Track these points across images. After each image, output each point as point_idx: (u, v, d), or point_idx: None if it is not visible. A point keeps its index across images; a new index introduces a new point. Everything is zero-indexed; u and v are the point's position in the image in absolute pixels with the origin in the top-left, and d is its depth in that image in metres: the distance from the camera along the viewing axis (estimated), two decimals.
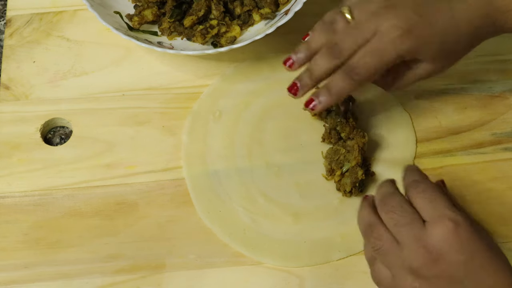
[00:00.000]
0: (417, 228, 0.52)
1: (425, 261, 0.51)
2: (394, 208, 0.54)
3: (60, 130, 0.72)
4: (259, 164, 0.68)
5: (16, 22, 0.77)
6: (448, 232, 0.51)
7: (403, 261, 0.52)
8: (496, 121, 0.70)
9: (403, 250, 0.52)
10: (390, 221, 0.54)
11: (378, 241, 0.54)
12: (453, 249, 0.51)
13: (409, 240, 0.52)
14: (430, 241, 0.51)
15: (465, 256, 0.51)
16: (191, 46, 0.72)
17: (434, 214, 0.52)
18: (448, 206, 0.53)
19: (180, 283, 0.62)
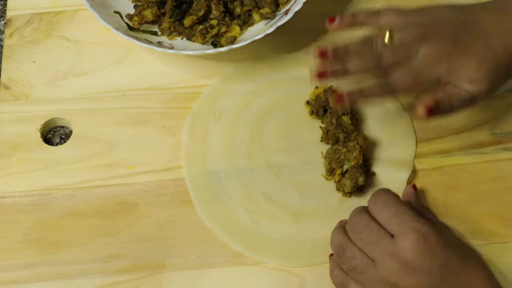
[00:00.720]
0: (387, 244, 0.54)
1: (402, 274, 0.52)
2: (361, 229, 0.56)
3: (60, 130, 0.72)
4: (259, 164, 0.68)
5: (16, 22, 0.77)
6: (418, 242, 0.53)
7: (380, 278, 0.53)
8: (496, 121, 0.70)
9: (378, 267, 0.54)
10: (359, 242, 0.55)
11: (353, 260, 0.55)
12: (427, 258, 0.52)
13: (382, 256, 0.53)
14: (402, 254, 0.53)
15: (438, 262, 0.52)
16: (191, 46, 0.72)
17: (401, 227, 0.54)
18: (412, 217, 0.54)
19: (180, 283, 0.62)
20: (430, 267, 0.53)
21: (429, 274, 0.53)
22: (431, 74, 0.60)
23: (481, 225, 0.64)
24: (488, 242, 0.64)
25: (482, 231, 0.64)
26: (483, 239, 0.64)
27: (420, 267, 0.53)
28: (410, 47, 0.60)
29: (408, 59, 0.60)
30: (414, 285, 0.53)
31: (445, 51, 0.60)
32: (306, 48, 0.74)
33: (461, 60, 0.60)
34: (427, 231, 0.53)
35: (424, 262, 0.53)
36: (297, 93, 0.71)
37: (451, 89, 0.61)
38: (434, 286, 0.53)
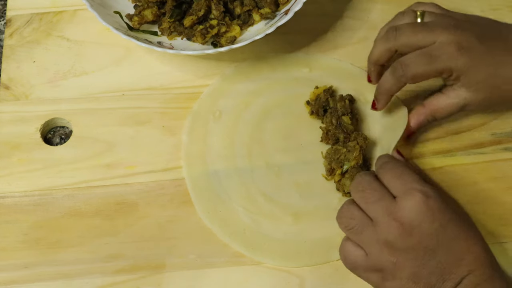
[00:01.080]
0: (388, 203, 0.54)
1: (400, 234, 0.53)
2: (364, 187, 0.56)
3: (60, 130, 0.72)
4: (259, 164, 0.68)
5: (16, 22, 0.77)
6: (418, 203, 0.53)
7: (378, 237, 0.54)
8: (496, 121, 0.70)
9: (377, 226, 0.54)
10: (361, 201, 0.56)
11: (351, 220, 0.56)
12: (425, 219, 0.53)
13: (382, 215, 0.54)
14: (402, 214, 0.53)
15: (437, 226, 0.53)
16: (191, 46, 0.72)
17: (403, 188, 0.55)
18: (416, 180, 0.55)
19: (180, 283, 0.62)
20: (429, 230, 0.53)
21: (427, 237, 0.53)
22: (446, 63, 0.60)
23: (481, 225, 0.64)
24: (488, 242, 0.63)
25: (482, 231, 0.63)
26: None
27: (419, 229, 0.53)
28: (436, 31, 0.60)
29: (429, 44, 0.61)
30: (411, 246, 0.53)
31: (467, 43, 0.60)
32: (306, 48, 0.75)
33: (477, 61, 0.60)
34: (429, 193, 0.54)
35: (423, 224, 0.53)
36: (297, 93, 0.71)
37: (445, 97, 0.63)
38: (430, 249, 0.53)
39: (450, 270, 0.53)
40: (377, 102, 0.66)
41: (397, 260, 0.53)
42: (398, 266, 0.53)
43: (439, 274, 0.53)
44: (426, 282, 0.53)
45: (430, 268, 0.53)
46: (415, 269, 0.53)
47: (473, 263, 0.53)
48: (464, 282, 0.52)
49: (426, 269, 0.53)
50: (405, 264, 0.53)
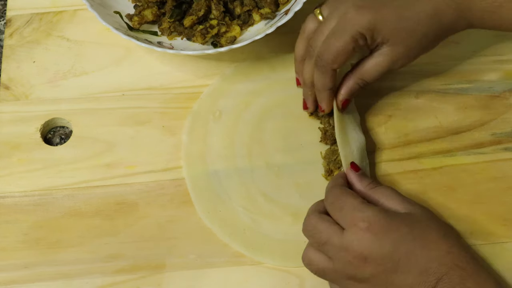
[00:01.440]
0: (337, 240, 0.54)
1: (356, 266, 0.53)
2: (311, 232, 0.57)
3: (60, 130, 0.72)
4: (259, 164, 0.68)
5: (16, 22, 0.77)
6: (363, 233, 0.53)
7: (340, 273, 0.55)
8: (496, 121, 0.70)
9: (335, 264, 0.55)
10: (314, 244, 0.57)
11: (312, 266, 0.57)
12: (374, 246, 0.53)
13: (335, 253, 0.54)
14: (351, 247, 0.53)
15: (388, 247, 0.53)
16: (191, 46, 0.71)
17: (346, 220, 0.55)
18: (357, 207, 0.55)
19: (180, 283, 0.62)
20: (381, 254, 0.53)
21: (382, 260, 0.53)
22: (354, 29, 0.59)
23: (481, 225, 0.64)
24: (488, 242, 0.64)
25: (482, 231, 0.64)
26: (483, 239, 0.64)
27: (371, 256, 0.53)
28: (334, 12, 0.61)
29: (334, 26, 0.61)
30: (371, 274, 0.53)
31: (363, 2, 0.60)
32: None
33: (380, 13, 0.59)
34: (369, 218, 0.54)
35: (374, 250, 0.53)
36: (297, 93, 0.71)
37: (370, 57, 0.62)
38: (391, 270, 0.53)
39: (418, 283, 0.52)
40: (320, 103, 0.65)
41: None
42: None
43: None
44: None
45: (398, 286, 0.53)
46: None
47: (440, 269, 0.52)
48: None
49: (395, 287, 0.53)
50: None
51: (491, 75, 0.73)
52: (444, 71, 0.73)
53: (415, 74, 0.72)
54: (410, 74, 0.72)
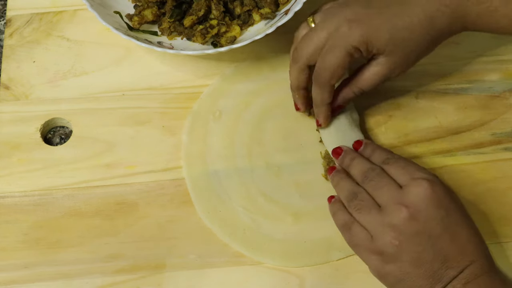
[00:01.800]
0: (395, 190, 0.56)
1: (405, 218, 0.54)
2: (374, 177, 0.58)
3: (60, 130, 0.72)
4: (259, 164, 0.68)
5: (16, 22, 0.77)
6: (425, 189, 0.55)
7: (384, 220, 0.55)
8: (496, 121, 0.70)
9: (384, 210, 0.56)
10: (370, 188, 0.58)
11: (361, 201, 0.58)
12: (431, 205, 0.54)
13: (389, 200, 0.56)
14: (408, 199, 0.55)
15: (442, 212, 0.55)
16: (191, 46, 0.71)
17: (409, 177, 0.56)
18: (421, 169, 0.57)
19: (180, 283, 0.62)
20: (434, 215, 0.54)
21: (432, 221, 0.54)
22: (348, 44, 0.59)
23: (481, 225, 0.64)
24: (488, 242, 0.63)
25: (482, 231, 0.63)
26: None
27: (425, 213, 0.54)
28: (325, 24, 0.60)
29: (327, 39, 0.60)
30: (416, 231, 0.54)
31: (355, 16, 0.59)
32: None
33: (373, 26, 0.59)
34: (434, 181, 0.56)
35: (429, 209, 0.54)
36: None
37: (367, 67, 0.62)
38: (435, 235, 0.54)
39: (454, 258, 0.54)
40: (318, 118, 0.66)
41: (401, 244, 0.54)
42: (401, 250, 0.54)
43: (442, 261, 0.54)
44: (428, 267, 0.54)
45: (433, 254, 0.54)
46: (418, 254, 0.54)
47: (474, 253, 0.54)
48: (466, 271, 0.53)
49: (429, 255, 0.54)
50: (409, 248, 0.54)
51: (491, 75, 0.73)
52: (444, 71, 0.73)
53: (415, 74, 0.72)
54: (410, 74, 0.71)
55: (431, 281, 0.54)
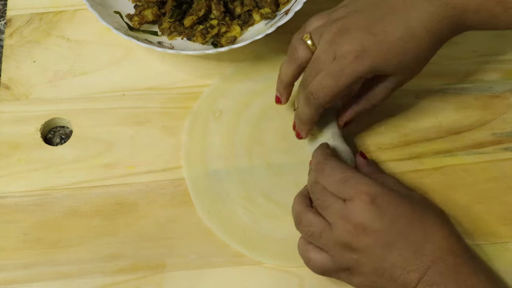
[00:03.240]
0: (339, 207, 0.56)
1: (354, 235, 0.55)
2: (318, 195, 0.58)
3: (60, 130, 0.72)
4: (259, 164, 0.68)
5: (16, 22, 0.77)
6: (366, 204, 0.55)
7: (336, 239, 0.56)
8: (497, 121, 0.70)
9: (334, 229, 0.56)
10: (318, 207, 0.58)
11: (309, 227, 0.58)
12: (375, 218, 0.54)
13: (336, 219, 0.56)
14: (353, 216, 0.55)
15: (387, 221, 0.54)
16: (191, 46, 0.71)
17: (350, 191, 0.56)
18: (361, 181, 0.56)
19: (180, 283, 0.62)
20: (381, 226, 0.54)
21: (381, 233, 0.54)
22: (354, 74, 0.58)
23: (481, 225, 0.64)
24: (488, 242, 0.64)
25: (482, 231, 0.64)
26: (483, 239, 0.64)
27: (371, 227, 0.54)
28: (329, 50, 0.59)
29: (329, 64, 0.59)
30: (368, 244, 0.54)
31: (362, 47, 0.58)
32: None
33: (381, 55, 0.58)
34: (374, 191, 0.55)
35: (374, 222, 0.54)
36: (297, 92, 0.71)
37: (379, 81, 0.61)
38: (387, 244, 0.54)
39: (413, 261, 0.54)
40: (301, 132, 0.65)
41: (358, 258, 0.55)
42: (360, 263, 0.55)
43: (402, 266, 0.54)
44: (390, 274, 0.54)
45: (391, 262, 0.54)
46: (376, 265, 0.54)
47: (435, 252, 0.54)
48: (429, 273, 0.53)
49: (387, 263, 0.54)
50: (366, 261, 0.55)
51: (491, 75, 0.73)
52: (444, 71, 0.73)
53: None
54: None
55: (399, 286, 0.54)
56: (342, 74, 0.58)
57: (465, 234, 0.64)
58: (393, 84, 0.61)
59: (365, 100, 0.64)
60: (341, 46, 0.58)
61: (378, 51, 0.58)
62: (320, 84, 0.59)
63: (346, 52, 0.58)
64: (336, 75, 0.58)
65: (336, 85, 0.59)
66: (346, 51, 0.58)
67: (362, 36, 0.58)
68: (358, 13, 0.59)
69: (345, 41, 0.58)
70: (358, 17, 0.59)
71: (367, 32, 0.58)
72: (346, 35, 0.58)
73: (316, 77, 0.59)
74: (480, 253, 0.63)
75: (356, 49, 0.57)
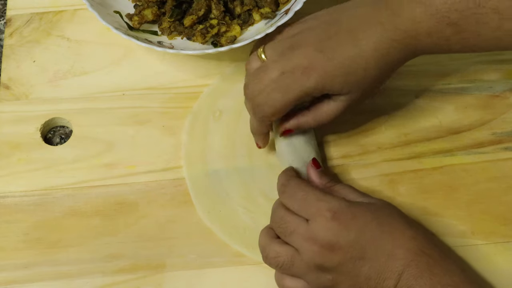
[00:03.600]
0: (303, 230, 0.55)
1: (323, 255, 0.54)
2: (278, 223, 0.57)
3: (60, 129, 0.72)
4: (259, 164, 0.68)
5: (16, 22, 0.77)
6: (328, 222, 0.54)
7: (307, 264, 0.55)
8: (496, 120, 0.70)
9: (302, 254, 0.55)
10: (281, 235, 0.57)
11: (277, 258, 0.57)
12: (340, 234, 0.54)
13: (302, 243, 0.55)
14: (317, 236, 0.54)
15: (353, 235, 0.54)
16: (191, 46, 0.71)
17: (310, 211, 0.55)
18: (319, 198, 0.56)
19: (180, 283, 0.62)
20: (348, 241, 0.54)
21: (349, 248, 0.54)
22: (300, 89, 0.58)
23: (481, 225, 0.64)
24: (488, 242, 0.64)
25: (482, 231, 0.64)
26: (483, 239, 0.64)
27: (338, 244, 0.54)
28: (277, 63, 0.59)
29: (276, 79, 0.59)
30: (338, 262, 0.54)
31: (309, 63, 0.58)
32: None
33: (327, 72, 0.57)
34: (334, 207, 0.55)
35: (340, 238, 0.54)
36: None
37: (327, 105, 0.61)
38: (358, 257, 0.54)
39: (386, 269, 0.53)
40: (257, 141, 0.65)
41: (333, 278, 0.55)
42: (336, 282, 0.55)
43: (376, 276, 0.54)
44: (367, 286, 0.54)
45: (365, 275, 0.54)
46: (351, 281, 0.54)
47: (406, 256, 0.53)
48: (404, 277, 0.53)
49: (362, 277, 0.54)
50: (342, 278, 0.55)
51: (491, 75, 0.73)
52: (444, 71, 0.73)
53: (415, 74, 0.72)
54: (410, 74, 0.72)
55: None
56: (289, 89, 0.58)
57: (465, 234, 0.64)
58: (342, 103, 0.60)
59: (312, 115, 0.62)
60: (289, 60, 0.58)
61: (325, 68, 0.57)
62: (265, 97, 0.59)
63: (293, 67, 0.58)
64: (283, 90, 0.58)
65: (283, 99, 0.59)
66: (294, 66, 0.58)
67: (310, 53, 0.58)
68: (312, 30, 0.60)
69: (294, 56, 0.58)
70: (311, 34, 0.59)
71: (316, 49, 0.58)
72: (296, 50, 0.58)
73: (264, 91, 0.59)
74: (480, 253, 0.63)
75: (303, 65, 0.58)
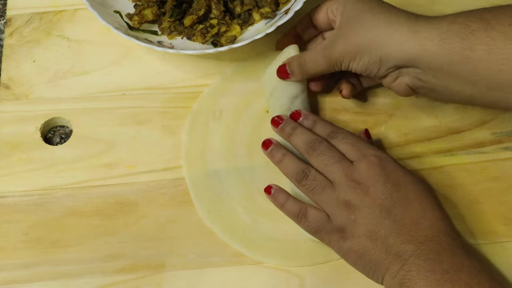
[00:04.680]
0: (346, 166, 0.58)
1: (356, 193, 0.56)
2: (323, 151, 0.59)
3: (60, 129, 0.72)
4: (259, 164, 0.68)
5: (16, 22, 0.77)
6: (373, 166, 0.57)
7: (337, 197, 0.57)
8: (497, 120, 0.70)
9: (336, 186, 0.57)
10: (320, 164, 0.59)
11: (314, 181, 0.59)
12: (379, 179, 0.56)
13: (340, 177, 0.57)
14: (358, 174, 0.57)
15: (390, 186, 0.56)
16: (191, 46, 0.71)
17: (359, 154, 0.58)
18: (370, 147, 0.59)
19: (180, 283, 0.62)
20: (383, 189, 0.56)
21: (381, 195, 0.56)
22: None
23: (481, 225, 0.64)
24: (488, 242, 0.64)
25: (482, 231, 0.64)
26: (483, 239, 0.64)
27: (374, 188, 0.56)
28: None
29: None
30: (368, 204, 0.56)
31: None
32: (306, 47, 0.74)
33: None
34: (382, 156, 0.58)
35: (378, 184, 0.56)
36: None
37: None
38: (386, 208, 0.55)
39: (407, 232, 0.54)
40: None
41: (355, 218, 0.56)
42: (356, 224, 0.56)
43: (395, 235, 0.55)
44: (383, 241, 0.55)
45: (387, 228, 0.55)
46: (372, 227, 0.55)
47: (430, 228, 0.55)
48: (423, 248, 0.54)
49: (382, 228, 0.55)
50: (363, 221, 0.56)
51: None
52: None
53: None
54: None
55: (390, 256, 0.54)
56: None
57: (465, 233, 0.64)
58: None
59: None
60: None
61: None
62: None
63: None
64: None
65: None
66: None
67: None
68: None
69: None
70: None
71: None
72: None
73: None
74: (481, 253, 0.63)
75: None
